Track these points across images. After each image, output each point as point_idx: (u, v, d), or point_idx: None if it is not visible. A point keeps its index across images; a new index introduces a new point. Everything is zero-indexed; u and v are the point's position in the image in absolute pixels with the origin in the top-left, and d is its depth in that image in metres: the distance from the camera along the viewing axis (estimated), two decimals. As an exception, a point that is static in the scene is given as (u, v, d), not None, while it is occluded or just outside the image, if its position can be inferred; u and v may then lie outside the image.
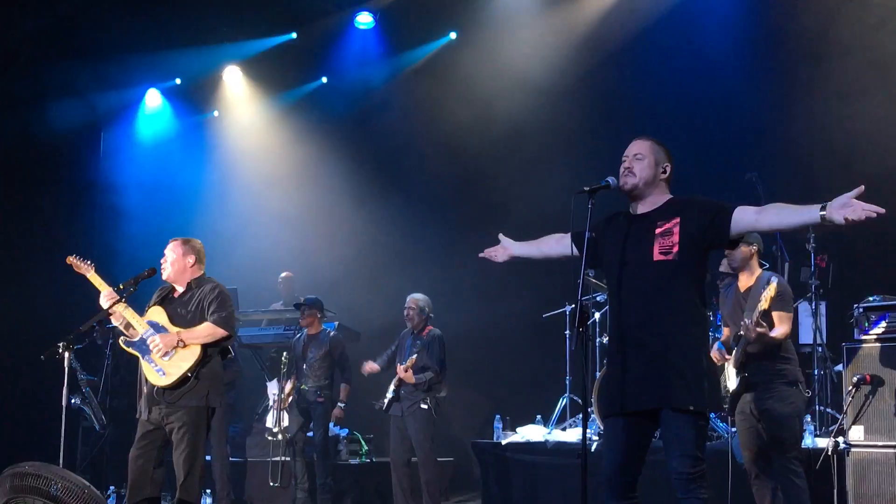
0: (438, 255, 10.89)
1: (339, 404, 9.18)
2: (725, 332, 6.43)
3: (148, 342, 6.06)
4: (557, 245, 4.77)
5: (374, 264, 11.18)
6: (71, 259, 6.44)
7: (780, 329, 5.99)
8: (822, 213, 3.85)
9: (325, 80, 12.23)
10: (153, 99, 12.21)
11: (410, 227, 11.20)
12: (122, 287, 6.25)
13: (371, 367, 8.58)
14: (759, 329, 5.82)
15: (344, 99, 11.96)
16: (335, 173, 11.70)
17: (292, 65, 12.00)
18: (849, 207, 3.77)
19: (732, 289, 6.33)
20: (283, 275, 10.96)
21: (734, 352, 6.11)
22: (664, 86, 9.91)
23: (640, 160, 4.41)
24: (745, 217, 4.18)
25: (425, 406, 8.25)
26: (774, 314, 5.97)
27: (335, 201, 11.60)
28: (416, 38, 11.72)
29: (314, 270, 11.16)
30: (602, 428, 8.00)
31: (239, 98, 12.36)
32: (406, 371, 8.19)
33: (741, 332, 5.97)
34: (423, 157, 11.21)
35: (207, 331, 6.07)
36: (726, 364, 6.24)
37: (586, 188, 4.36)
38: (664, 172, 4.45)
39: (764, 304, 5.82)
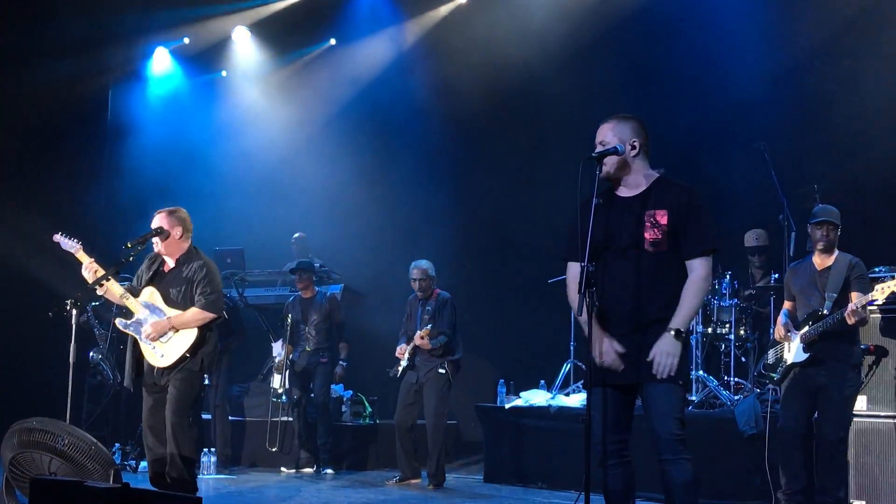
0: (446, 220, 10.86)
1: (340, 363, 9.21)
2: (788, 304, 6.49)
3: (143, 328, 6.18)
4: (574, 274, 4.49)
5: (382, 227, 11.15)
6: (57, 237, 6.40)
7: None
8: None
9: (333, 41, 12.15)
10: (161, 58, 12.15)
11: (419, 191, 11.15)
12: (129, 246, 6.20)
13: (402, 350, 8.51)
14: (862, 313, 5.95)
15: (353, 61, 11.89)
16: (344, 135, 11.65)
17: (301, 26, 11.92)
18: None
19: (807, 265, 6.37)
20: (297, 235, 10.78)
21: (807, 328, 6.17)
22: (677, 51, 9.80)
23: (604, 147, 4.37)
24: (689, 268, 4.26)
25: (443, 371, 8.31)
26: (855, 294, 6.05)
27: (344, 163, 11.55)
28: (426, -1, 11.63)
29: (325, 231, 11.13)
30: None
31: (247, 58, 12.30)
32: (422, 339, 8.22)
33: (823, 311, 6.08)
34: (432, 120, 11.13)
35: (197, 316, 6.16)
36: (790, 336, 6.30)
37: (594, 154, 4.36)
38: (634, 149, 4.38)
39: (879, 295, 5.88)
